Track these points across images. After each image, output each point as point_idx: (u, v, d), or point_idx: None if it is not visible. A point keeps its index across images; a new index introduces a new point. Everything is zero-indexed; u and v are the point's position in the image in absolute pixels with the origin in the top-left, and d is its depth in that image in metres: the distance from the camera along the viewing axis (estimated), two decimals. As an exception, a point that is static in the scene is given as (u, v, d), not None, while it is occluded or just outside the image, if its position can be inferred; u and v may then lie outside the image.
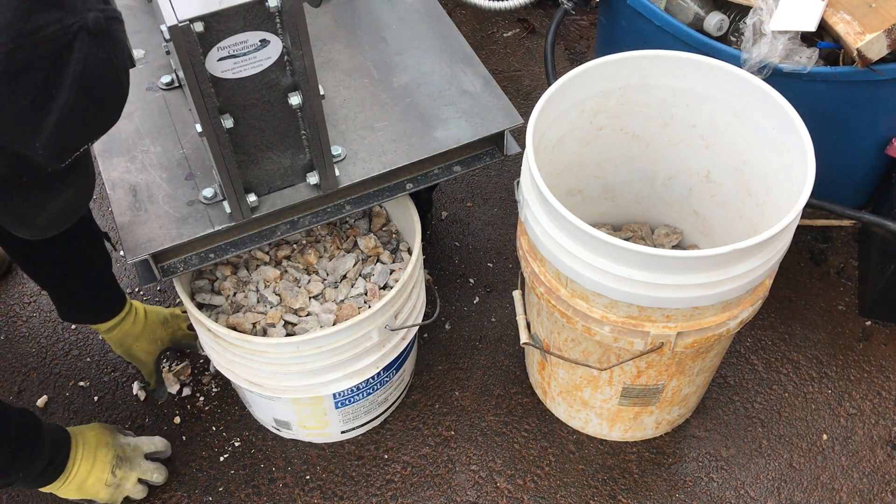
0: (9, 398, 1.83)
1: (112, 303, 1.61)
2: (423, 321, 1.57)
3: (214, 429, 1.77)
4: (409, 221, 1.55)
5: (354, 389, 1.56)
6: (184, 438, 1.75)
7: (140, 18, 1.61)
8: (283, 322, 1.51)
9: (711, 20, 1.69)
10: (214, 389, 1.82)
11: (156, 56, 1.55)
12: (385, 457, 1.73)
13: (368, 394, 1.61)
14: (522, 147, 1.35)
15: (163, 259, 1.36)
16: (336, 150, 1.39)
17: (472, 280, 1.99)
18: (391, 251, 1.62)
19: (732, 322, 1.34)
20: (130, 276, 2.01)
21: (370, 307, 1.46)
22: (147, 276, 1.36)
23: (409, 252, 1.62)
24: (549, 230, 1.28)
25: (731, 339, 1.63)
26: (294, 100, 1.21)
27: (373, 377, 1.55)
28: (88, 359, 1.89)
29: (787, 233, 1.28)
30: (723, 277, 1.22)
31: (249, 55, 1.13)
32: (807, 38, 1.61)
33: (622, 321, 1.31)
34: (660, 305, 1.26)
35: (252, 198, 1.32)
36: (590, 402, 1.62)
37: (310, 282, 1.56)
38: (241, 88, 1.17)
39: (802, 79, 1.58)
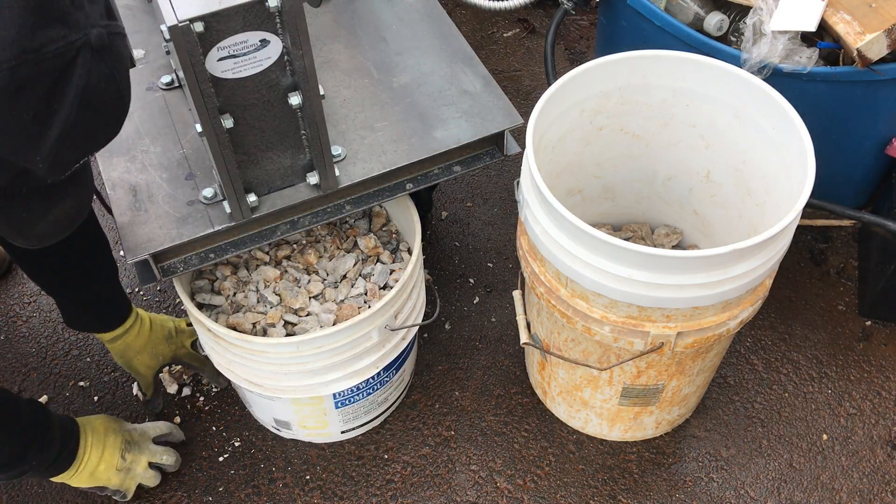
0: (9, 398, 1.83)
1: (117, 311, 1.60)
2: (423, 321, 1.57)
3: (214, 429, 1.77)
4: (409, 221, 1.54)
5: (354, 389, 1.56)
6: (184, 438, 1.75)
7: (140, 18, 1.60)
8: (283, 322, 1.51)
9: (711, 20, 1.69)
10: (214, 389, 1.82)
11: (156, 56, 1.55)
12: (385, 457, 1.73)
13: (368, 394, 1.61)
14: (522, 147, 1.35)
15: (163, 259, 1.36)
16: (336, 150, 1.39)
17: (472, 280, 1.99)
18: (391, 251, 1.62)
19: (732, 322, 1.34)
20: (130, 276, 2.01)
21: (370, 307, 1.45)
22: (147, 276, 1.36)
23: (409, 252, 1.62)
24: (549, 230, 1.28)
25: (731, 339, 1.63)
26: (294, 100, 1.21)
27: (373, 377, 1.55)
28: (88, 359, 1.89)
29: (787, 233, 1.28)
30: (723, 277, 1.22)
31: (249, 55, 1.13)
32: (807, 38, 1.61)
33: (622, 321, 1.31)
34: (660, 305, 1.26)
35: (252, 198, 1.32)
36: (590, 402, 1.62)
37: (310, 282, 1.56)
38: (241, 88, 1.17)
39: (802, 79, 1.58)
